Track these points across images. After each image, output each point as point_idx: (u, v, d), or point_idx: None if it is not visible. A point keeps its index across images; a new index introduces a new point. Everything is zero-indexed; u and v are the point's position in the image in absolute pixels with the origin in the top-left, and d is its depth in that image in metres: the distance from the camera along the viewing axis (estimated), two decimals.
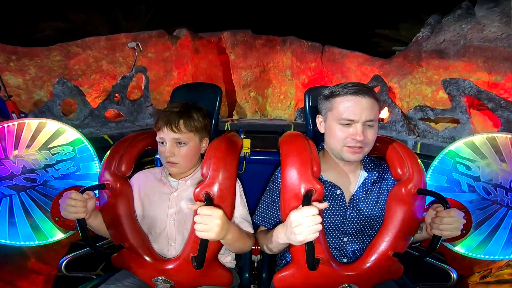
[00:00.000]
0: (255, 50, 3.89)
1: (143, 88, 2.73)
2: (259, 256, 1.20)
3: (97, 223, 1.04)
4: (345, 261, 1.00)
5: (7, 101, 2.04)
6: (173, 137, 1.01)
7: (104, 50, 3.07)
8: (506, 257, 1.20)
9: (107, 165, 1.06)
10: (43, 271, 1.60)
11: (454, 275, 1.06)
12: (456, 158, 1.30)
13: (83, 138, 1.39)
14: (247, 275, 1.21)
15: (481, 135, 1.29)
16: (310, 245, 0.76)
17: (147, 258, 1.01)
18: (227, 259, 1.13)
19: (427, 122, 2.22)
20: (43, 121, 1.36)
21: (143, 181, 1.13)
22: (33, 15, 5.73)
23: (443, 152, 1.32)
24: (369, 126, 0.90)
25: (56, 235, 1.30)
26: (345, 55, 3.40)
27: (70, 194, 0.90)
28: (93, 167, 1.38)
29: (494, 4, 2.37)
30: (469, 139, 1.30)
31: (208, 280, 1.01)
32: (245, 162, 1.28)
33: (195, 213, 0.81)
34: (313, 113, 1.20)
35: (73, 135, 1.38)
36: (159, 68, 3.50)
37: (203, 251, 0.81)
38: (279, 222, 0.99)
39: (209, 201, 0.86)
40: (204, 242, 0.81)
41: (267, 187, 1.09)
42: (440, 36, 2.62)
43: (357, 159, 0.93)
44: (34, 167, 1.31)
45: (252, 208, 1.12)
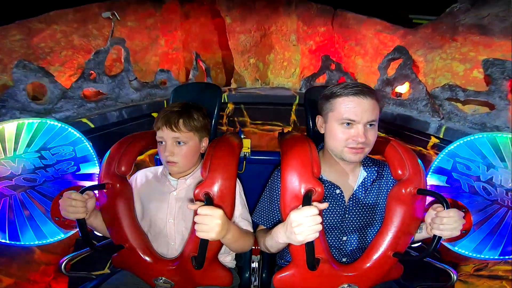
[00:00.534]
0: (255, 13, 3.40)
1: (123, 61, 2.48)
2: (259, 256, 1.20)
3: (97, 222, 1.04)
4: (344, 260, 1.00)
5: None
6: (173, 136, 1.01)
7: (74, 23, 2.72)
8: (506, 257, 1.20)
9: (107, 165, 1.06)
10: (51, 261, 1.60)
11: (454, 275, 1.06)
12: (456, 158, 1.30)
13: (83, 138, 1.40)
14: (247, 275, 1.21)
15: (481, 135, 1.29)
16: (310, 245, 0.76)
17: (147, 258, 1.01)
18: (227, 259, 1.13)
19: (453, 103, 1.94)
20: (43, 121, 1.36)
21: (143, 180, 1.14)
22: None
23: (443, 152, 1.32)
24: (370, 126, 0.90)
25: (56, 235, 1.30)
26: (360, 21, 2.99)
27: (70, 194, 0.90)
28: (93, 167, 1.39)
29: None
30: (469, 139, 1.30)
31: (208, 280, 1.01)
32: (245, 162, 1.28)
33: (195, 213, 0.81)
34: (313, 113, 1.20)
35: (73, 135, 1.38)
36: (142, 37, 3.15)
37: (203, 251, 0.81)
38: (278, 221, 1.00)
39: (209, 201, 0.86)
40: (204, 242, 0.81)
41: (267, 186, 1.09)
42: (483, 10, 2.23)
43: (358, 159, 0.93)
44: (34, 167, 1.31)
45: (252, 207, 1.12)
